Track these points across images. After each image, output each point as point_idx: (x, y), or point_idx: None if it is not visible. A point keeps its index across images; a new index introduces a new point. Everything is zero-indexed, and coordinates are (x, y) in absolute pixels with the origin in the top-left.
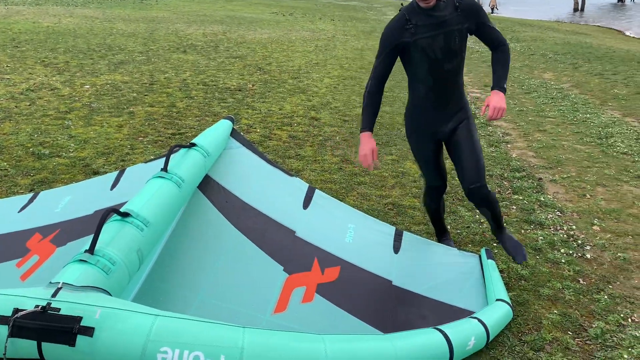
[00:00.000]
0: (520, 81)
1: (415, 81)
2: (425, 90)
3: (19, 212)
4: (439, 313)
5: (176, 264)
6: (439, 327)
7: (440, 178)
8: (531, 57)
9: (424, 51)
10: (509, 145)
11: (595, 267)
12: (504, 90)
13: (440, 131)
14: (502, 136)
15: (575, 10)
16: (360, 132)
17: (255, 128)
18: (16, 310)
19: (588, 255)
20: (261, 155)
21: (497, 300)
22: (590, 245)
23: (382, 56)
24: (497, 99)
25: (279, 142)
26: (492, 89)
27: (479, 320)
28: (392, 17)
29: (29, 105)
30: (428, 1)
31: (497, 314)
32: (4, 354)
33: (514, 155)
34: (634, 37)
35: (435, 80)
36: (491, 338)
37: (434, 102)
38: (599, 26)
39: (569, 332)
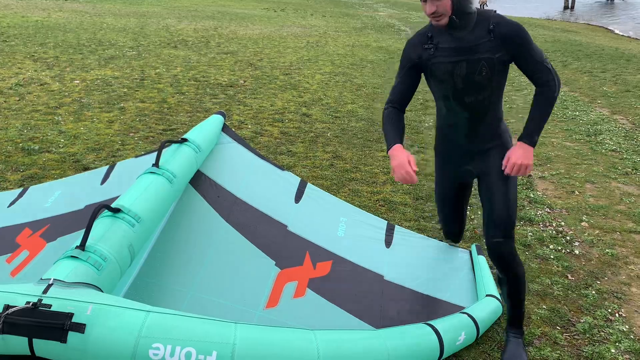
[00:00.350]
0: (510, 78)
1: (437, 103)
2: (445, 118)
3: (8, 207)
4: (429, 308)
5: (168, 259)
6: (430, 322)
7: (457, 225)
8: None
9: (442, 77)
10: None
11: (583, 262)
12: (533, 144)
13: (462, 167)
14: None
15: (566, 8)
16: (388, 151)
17: (246, 124)
18: (7, 307)
19: (576, 251)
20: (252, 150)
21: (487, 295)
22: (578, 242)
23: (401, 74)
24: (520, 154)
25: (270, 138)
26: (519, 139)
27: (469, 316)
28: (383, 14)
29: (18, 100)
30: (438, 19)
31: (487, 309)
32: None
33: None
34: (622, 35)
35: (457, 111)
36: (481, 333)
37: (455, 133)
38: (588, 24)
39: (558, 327)
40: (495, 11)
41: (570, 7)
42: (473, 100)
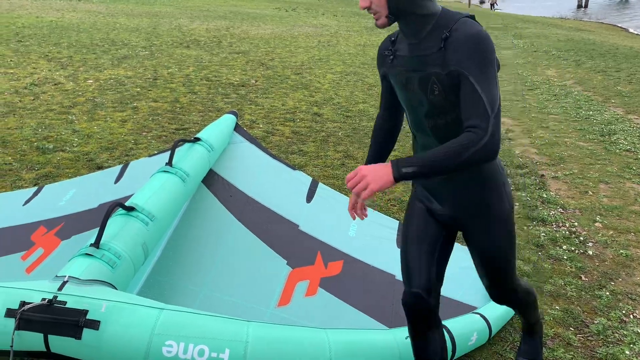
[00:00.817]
0: (523, 78)
1: None
2: (416, 143)
3: (23, 205)
4: (441, 308)
5: (181, 257)
6: (442, 322)
7: (422, 279)
8: (534, 53)
9: (399, 92)
10: (512, 142)
11: (597, 263)
12: (397, 172)
13: (435, 209)
14: (505, 133)
15: (579, 6)
16: None
17: (258, 124)
18: (23, 303)
19: (590, 252)
20: (264, 150)
21: None
22: (592, 242)
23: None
24: (371, 169)
25: (282, 138)
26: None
27: (482, 316)
28: None
29: (33, 99)
30: (375, 18)
31: (499, 309)
32: (11, 346)
33: (517, 152)
34: (637, 34)
35: (421, 137)
36: (493, 333)
37: None
38: (602, 23)
39: (571, 328)
40: (469, 15)
41: (583, 5)
42: (434, 125)
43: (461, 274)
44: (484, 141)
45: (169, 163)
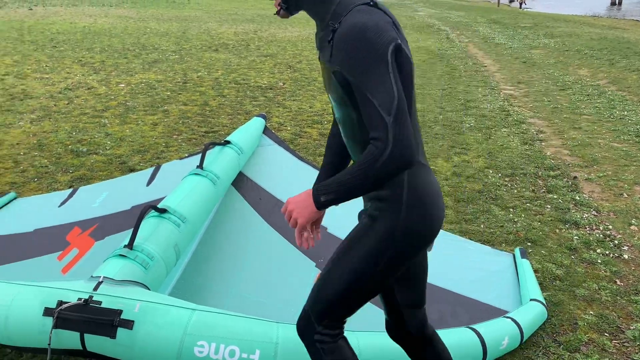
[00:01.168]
0: (554, 78)
1: None
2: None
3: (59, 206)
4: (471, 310)
5: (211, 259)
6: (473, 326)
7: (385, 309)
8: (565, 53)
9: None
10: (543, 143)
11: (633, 268)
12: (317, 200)
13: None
14: (536, 134)
15: (612, 4)
16: None
17: (286, 126)
18: (60, 303)
19: (625, 256)
20: (293, 152)
21: (532, 300)
22: (627, 246)
23: None
24: (295, 199)
25: (310, 140)
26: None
27: (513, 320)
28: (422, 14)
29: (67, 103)
30: (274, 5)
31: (531, 313)
32: (49, 344)
33: (548, 154)
34: None
35: (345, 140)
36: (525, 338)
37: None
38: (637, 21)
39: (606, 334)
40: (369, 2)
41: (617, 3)
42: (345, 129)
43: (492, 278)
44: (387, 152)
45: (200, 166)
